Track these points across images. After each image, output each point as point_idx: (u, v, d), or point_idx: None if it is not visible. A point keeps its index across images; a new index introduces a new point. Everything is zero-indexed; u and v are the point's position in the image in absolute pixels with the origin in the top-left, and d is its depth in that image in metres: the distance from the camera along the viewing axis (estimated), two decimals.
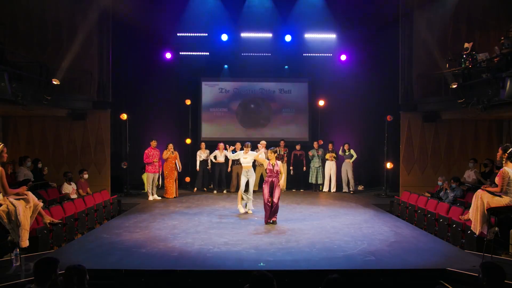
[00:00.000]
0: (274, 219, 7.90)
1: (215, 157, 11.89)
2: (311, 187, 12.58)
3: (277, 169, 7.93)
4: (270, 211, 7.86)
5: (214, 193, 11.98)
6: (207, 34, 13.00)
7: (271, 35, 13.07)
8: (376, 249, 6.20)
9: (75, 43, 10.62)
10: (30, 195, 5.40)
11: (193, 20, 12.59)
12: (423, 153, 11.62)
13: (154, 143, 11.05)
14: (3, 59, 7.89)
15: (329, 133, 13.23)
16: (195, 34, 13.00)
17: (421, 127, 11.58)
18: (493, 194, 5.48)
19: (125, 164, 11.47)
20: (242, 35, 13.04)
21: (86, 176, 9.97)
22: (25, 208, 5.23)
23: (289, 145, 12.56)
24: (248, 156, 9.07)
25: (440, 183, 9.51)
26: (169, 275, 5.23)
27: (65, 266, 3.30)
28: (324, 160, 12.29)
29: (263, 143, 11.46)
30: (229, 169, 11.92)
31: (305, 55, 13.35)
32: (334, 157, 12.19)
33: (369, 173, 13.39)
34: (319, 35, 13.17)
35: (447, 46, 11.05)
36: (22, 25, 10.92)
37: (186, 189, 12.58)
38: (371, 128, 13.20)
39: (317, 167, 12.28)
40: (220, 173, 12.03)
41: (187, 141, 12.71)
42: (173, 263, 5.53)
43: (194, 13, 12.48)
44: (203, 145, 12.11)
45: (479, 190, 5.70)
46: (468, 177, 9.86)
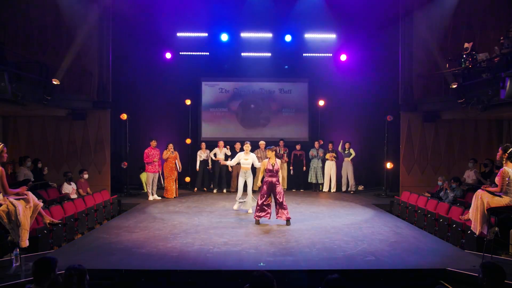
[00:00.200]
0: (286, 218, 7.76)
1: (215, 155, 11.90)
2: (311, 187, 12.58)
3: (277, 168, 7.91)
4: (264, 209, 7.84)
5: (214, 192, 11.97)
6: (207, 34, 12.99)
7: (271, 35, 13.06)
8: (376, 249, 6.20)
9: (75, 43, 10.64)
10: (30, 195, 5.40)
11: (193, 20, 12.59)
12: (423, 153, 11.62)
13: (154, 143, 11.05)
14: (3, 59, 7.89)
15: (329, 133, 13.22)
16: (195, 34, 13.00)
17: (421, 127, 11.58)
18: (493, 194, 5.48)
19: (125, 164, 11.47)
20: (242, 35, 13.03)
21: (86, 176, 9.98)
22: (25, 208, 5.24)
23: (289, 145, 12.56)
24: (249, 158, 9.05)
25: (440, 183, 9.52)
26: (169, 275, 5.24)
27: (65, 266, 3.29)
28: (324, 160, 12.29)
29: (262, 143, 11.48)
30: (230, 168, 11.91)
31: (305, 55, 13.34)
32: (334, 157, 12.19)
33: (369, 173, 13.38)
34: (319, 35, 13.16)
35: (447, 46, 11.06)
36: (22, 25, 10.92)
37: (186, 189, 12.58)
38: (371, 128, 13.19)
39: (316, 166, 12.28)
40: (220, 171, 12.03)
41: (187, 141, 12.71)
42: (173, 263, 5.53)
43: (194, 13, 12.47)
44: (203, 145, 12.12)
45: (479, 190, 5.71)
46: (468, 177, 9.86)
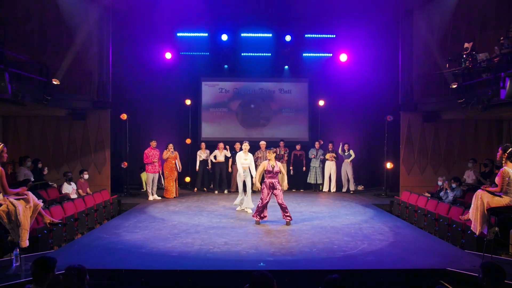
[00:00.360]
0: (288, 219, 7.77)
1: (215, 157, 11.89)
2: (311, 187, 12.58)
3: (277, 170, 7.90)
4: (263, 210, 7.84)
5: (215, 193, 11.97)
6: (207, 34, 13.00)
7: (271, 35, 13.07)
8: (376, 249, 6.21)
9: (75, 43, 10.65)
10: (30, 195, 5.40)
11: (193, 20, 12.59)
12: (423, 153, 11.63)
13: (153, 143, 11.05)
14: (3, 59, 7.88)
15: (329, 133, 13.22)
16: (195, 34, 13.00)
17: (421, 127, 11.58)
18: (493, 194, 5.48)
19: (125, 164, 11.47)
20: (242, 35, 13.03)
21: (86, 176, 9.98)
22: (25, 208, 5.23)
23: (289, 145, 12.55)
24: (248, 158, 9.10)
25: (440, 183, 9.52)
26: (169, 275, 5.24)
27: (65, 266, 3.29)
28: (324, 160, 12.29)
29: (262, 143, 11.47)
30: (230, 169, 11.92)
31: (305, 55, 13.35)
32: (334, 157, 12.19)
33: (369, 173, 13.38)
34: (319, 35, 13.16)
35: (447, 46, 11.05)
36: (22, 25, 10.92)
37: (186, 189, 12.58)
38: (371, 128, 13.20)
39: (316, 167, 12.28)
40: (221, 172, 12.02)
41: (187, 141, 12.71)
42: (173, 263, 5.53)
43: (194, 13, 12.46)
44: (203, 145, 12.11)
45: (479, 190, 5.70)
46: (468, 177, 9.86)
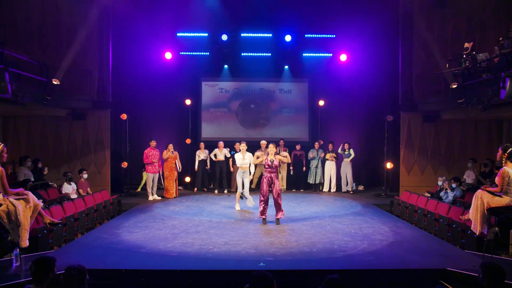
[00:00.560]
0: (278, 216, 7.83)
1: (215, 156, 11.89)
2: (311, 187, 12.58)
3: (276, 164, 7.90)
4: (265, 206, 7.84)
5: (215, 193, 11.97)
6: (207, 34, 12.99)
7: (271, 35, 13.07)
8: (376, 249, 6.21)
9: (75, 43, 10.64)
10: (30, 195, 5.40)
11: (193, 20, 12.58)
12: (423, 153, 11.62)
13: (153, 143, 11.05)
14: (3, 59, 7.88)
15: (329, 133, 13.22)
16: (195, 34, 13.00)
17: (421, 127, 11.58)
18: (493, 194, 5.48)
19: (125, 164, 11.47)
20: (242, 35, 13.03)
21: (85, 175, 9.97)
22: (25, 208, 5.23)
23: (289, 145, 12.55)
24: (246, 158, 9.14)
25: (440, 183, 9.52)
26: (169, 275, 5.24)
27: (65, 266, 3.29)
28: (324, 160, 12.29)
29: (263, 143, 11.46)
30: (231, 168, 11.90)
31: (305, 55, 13.34)
32: (334, 157, 12.19)
33: (369, 173, 13.38)
34: (319, 35, 13.16)
35: (447, 46, 11.06)
36: (22, 25, 10.93)
37: (186, 189, 12.58)
38: (371, 128, 13.20)
39: (314, 166, 12.27)
40: (221, 172, 12.02)
41: (187, 141, 12.71)
42: (173, 263, 5.53)
43: (194, 13, 12.47)
44: (202, 145, 12.11)
45: (479, 190, 5.70)
46: (468, 177, 9.86)
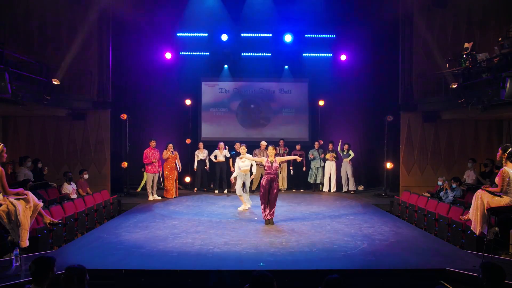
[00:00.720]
0: (269, 217, 7.86)
1: (216, 157, 11.89)
2: (311, 187, 12.58)
3: (276, 166, 7.90)
4: (266, 206, 7.85)
5: (216, 192, 11.97)
6: (207, 34, 13.00)
7: (271, 35, 13.06)
8: (376, 249, 6.21)
9: (75, 43, 10.64)
10: (30, 195, 5.39)
11: (193, 20, 12.58)
12: (423, 153, 11.62)
13: (153, 143, 11.05)
14: (3, 59, 7.88)
15: (329, 133, 13.21)
16: (195, 34, 13.00)
17: (421, 127, 11.57)
18: (493, 194, 5.48)
19: (125, 164, 11.47)
20: (242, 35, 13.03)
21: (86, 176, 9.98)
22: (25, 208, 5.23)
23: (289, 145, 12.55)
24: (246, 160, 9.14)
25: (440, 183, 9.52)
26: (169, 275, 5.24)
27: (65, 266, 3.29)
28: (324, 160, 12.29)
29: (263, 143, 11.47)
30: (232, 168, 11.88)
31: (305, 55, 13.34)
32: (334, 157, 12.18)
33: (369, 173, 13.37)
34: (319, 35, 13.16)
35: (447, 46, 11.05)
36: (22, 25, 10.92)
37: (186, 189, 12.58)
38: (371, 128, 13.20)
39: (317, 167, 12.27)
40: (221, 172, 12.02)
41: (187, 141, 12.70)
42: (173, 263, 5.53)
43: (194, 13, 12.47)
44: (201, 145, 12.10)
45: (479, 190, 5.70)
46: (468, 177, 9.86)
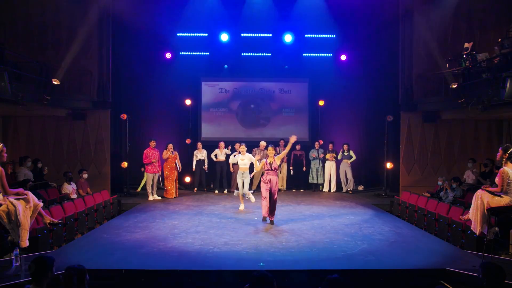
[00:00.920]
0: (272, 218, 7.89)
1: (216, 156, 11.89)
2: (311, 187, 12.58)
3: (275, 166, 7.92)
4: (268, 206, 7.85)
5: (216, 192, 11.97)
6: (207, 34, 12.98)
7: (271, 35, 13.06)
8: (376, 249, 6.21)
9: (75, 43, 10.64)
10: (30, 195, 5.39)
11: (193, 20, 12.57)
12: (423, 153, 11.62)
13: (153, 143, 11.05)
14: (3, 59, 7.89)
15: (329, 133, 13.22)
16: (195, 34, 13.00)
17: (421, 127, 11.58)
18: (493, 194, 5.48)
19: (125, 164, 11.47)
20: (242, 35, 13.03)
21: (85, 176, 9.98)
22: (25, 208, 5.23)
23: None
24: (245, 158, 9.14)
25: (440, 183, 9.52)
26: (169, 275, 5.24)
27: (65, 266, 3.29)
28: (324, 160, 12.29)
29: (262, 143, 11.47)
30: (232, 169, 11.90)
31: (305, 55, 13.34)
32: (334, 157, 12.19)
33: (369, 173, 13.37)
34: (319, 35, 13.16)
35: (447, 46, 11.06)
36: (22, 25, 10.93)
37: (186, 189, 12.58)
38: (371, 128, 13.20)
39: (317, 167, 12.27)
40: (222, 172, 12.02)
41: (187, 141, 12.70)
42: (173, 263, 5.53)
43: (194, 13, 12.47)
44: (199, 145, 12.09)
45: (479, 190, 5.71)
46: (468, 177, 9.86)
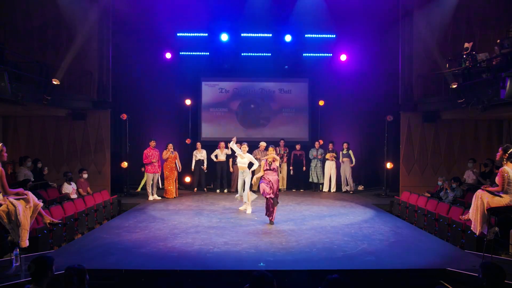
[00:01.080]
0: (271, 218, 7.87)
1: (216, 156, 11.89)
2: (311, 187, 12.58)
3: (274, 167, 7.92)
4: (269, 206, 7.84)
5: (217, 192, 11.98)
6: (207, 34, 12.99)
7: (271, 35, 13.06)
8: (376, 249, 6.21)
9: (75, 43, 10.64)
10: (30, 195, 5.39)
11: (193, 20, 12.58)
12: (423, 153, 11.62)
13: (153, 143, 11.05)
14: (3, 59, 7.89)
15: (329, 133, 13.22)
16: (195, 34, 13.00)
17: (421, 127, 11.58)
18: (493, 194, 5.48)
19: (125, 164, 11.47)
20: (242, 35, 13.03)
21: (85, 175, 9.98)
22: (25, 208, 5.23)
23: (289, 145, 12.56)
24: (245, 157, 9.14)
25: (440, 183, 9.52)
26: (169, 275, 5.24)
27: (65, 266, 3.29)
28: (324, 160, 12.29)
29: (262, 144, 11.46)
30: (231, 169, 11.91)
31: (305, 55, 13.34)
32: (334, 157, 12.19)
33: (369, 173, 13.37)
34: (319, 35, 13.16)
35: (447, 46, 11.06)
36: (22, 25, 10.93)
37: (186, 189, 12.58)
38: (371, 128, 13.19)
39: (317, 167, 12.27)
40: (222, 172, 12.02)
41: (187, 141, 12.70)
42: (173, 263, 5.53)
43: (194, 13, 12.46)
44: (199, 145, 12.10)
45: (479, 190, 5.70)
46: (468, 177, 9.86)
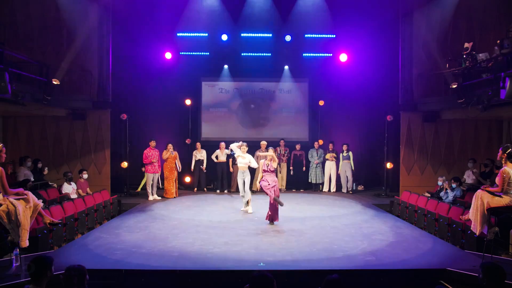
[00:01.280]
0: (273, 219, 7.88)
1: (217, 157, 11.89)
2: (311, 187, 12.58)
3: (272, 168, 7.94)
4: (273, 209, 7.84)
5: (217, 192, 11.98)
6: (207, 34, 12.99)
7: (271, 35, 13.06)
8: (376, 249, 6.21)
9: (75, 43, 10.65)
10: (30, 195, 5.39)
11: (193, 20, 12.58)
12: (423, 153, 11.62)
13: (153, 143, 11.05)
14: (3, 59, 7.88)
15: (329, 133, 13.22)
16: (195, 34, 13.00)
17: (421, 127, 11.58)
18: (493, 194, 5.48)
19: (125, 164, 11.47)
20: (242, 35, 13.02)
21: (85, 176, 9.97)
22: (25, 208, 5.23)
23: (289, 145, 12.56)
24: (246, 157, 9.13)
25: (440, 183, 9.52)
26: (169, 275, 5.24)
27: (65, 266, 3.29)
28: (324, 160, 12.28)
29: (263, 143, 11.46)
30: (231, 169, 11.91)
31: (305, 55, 13.34)
32: (334, 157, 12.18)
33: (369, 173, 13.37)
34: (319, 35, 13.16)
35: (447, 46, 11.06)
36: (22, 25, 10.93)
37: (186, 189, 12.57)
38: (371, 128, 13.19)
39: (317, 167, 12.27)
40: (222, 172, 12.02)
41: (187, 141, 12.70)
42: (173, 263, 5.54)
43: (194, 13, 12.47)
44: (198, 145, 12.10)
45: (479, 190, 5.71)
46: (468, 177, 9.86)
